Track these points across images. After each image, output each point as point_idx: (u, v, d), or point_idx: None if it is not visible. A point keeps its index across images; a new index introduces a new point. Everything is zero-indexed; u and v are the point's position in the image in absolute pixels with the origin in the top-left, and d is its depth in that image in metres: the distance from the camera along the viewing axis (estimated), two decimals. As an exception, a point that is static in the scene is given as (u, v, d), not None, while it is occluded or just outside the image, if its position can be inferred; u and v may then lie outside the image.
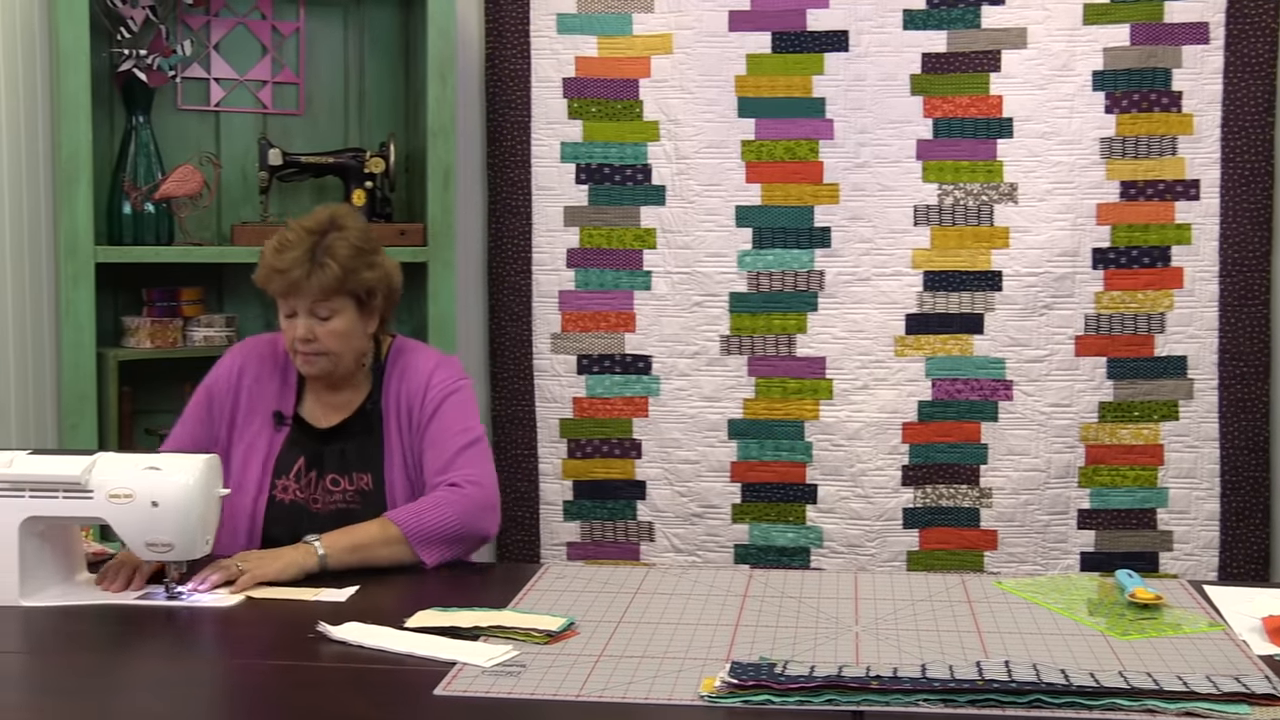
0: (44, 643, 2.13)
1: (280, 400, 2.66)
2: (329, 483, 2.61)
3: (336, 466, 2.61)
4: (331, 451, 2.62)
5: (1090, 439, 3.63)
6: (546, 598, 2.29)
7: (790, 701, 1.77)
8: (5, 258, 3.31)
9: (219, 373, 2.69)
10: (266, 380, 2.68)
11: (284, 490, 2.61)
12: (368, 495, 2.60)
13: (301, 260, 2.50)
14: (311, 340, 2.53)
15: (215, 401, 2.66)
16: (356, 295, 2.55)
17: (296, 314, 2.53)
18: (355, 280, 2.53)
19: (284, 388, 2.67)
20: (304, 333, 2.53)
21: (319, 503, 2.60)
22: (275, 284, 2.52)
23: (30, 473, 2.27)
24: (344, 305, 2.54)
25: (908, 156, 3.64)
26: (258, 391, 2.67)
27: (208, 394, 2.68)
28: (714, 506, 3.70)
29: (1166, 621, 2.12)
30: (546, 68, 3.68)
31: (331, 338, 2.54)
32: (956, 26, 3.61)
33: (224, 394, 2.66)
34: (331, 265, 2.50)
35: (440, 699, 1.81)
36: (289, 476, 2.61)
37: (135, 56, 3.35)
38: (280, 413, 2.64)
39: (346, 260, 2.51)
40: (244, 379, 2.67)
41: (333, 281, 2.50)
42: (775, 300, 3.67)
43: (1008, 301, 3.62)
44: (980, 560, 3.66)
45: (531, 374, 3.73)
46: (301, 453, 2.62)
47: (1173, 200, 3.59)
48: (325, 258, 2.50)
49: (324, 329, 2.53)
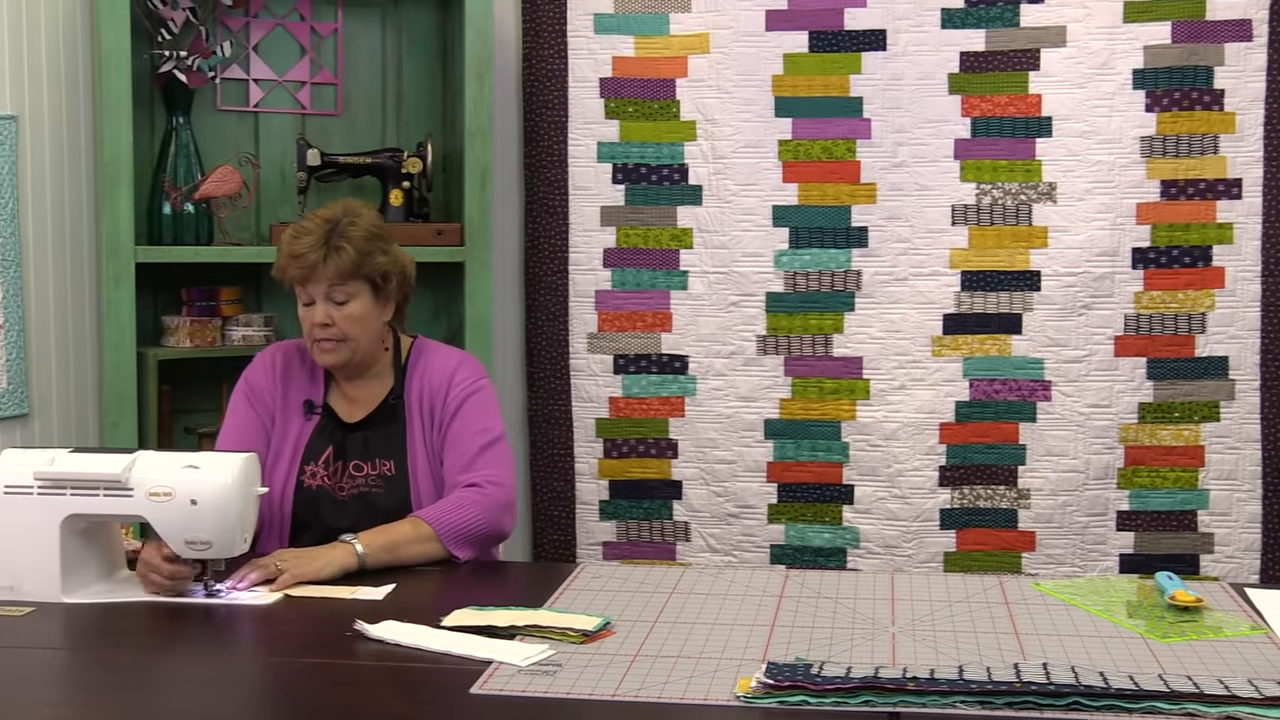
0: (85, 639, 2.15)
1: (310, 391, 2.72)
2: (352, 468, 2.65)
3: (360, 454, 2.66)
4: (355, 439, 2.68)
5: (1130, 440, 3.60)
6: (582, 597, 2.29)
7: (826, 702, 1.77)
8: (48, 258, 3.34)
9: (257, 370, 2.74)
10: (297, 374, 2.74)
11: (311, 476, 2.65)
12: (390, 480, 2.64)
13: (317, 245, 2.56)
14: (329, 325, 2.59)
15: (257, 396, 2.72)
16: (372, 280, 2.61)
17: (314, 302, 2.59)
18: (370, 264, 2.59)
19: (313, 382, 2.73)
20: (322, 318, 2.58)
21: (344, 489, 2.64)
22: (293, 270, 2.58)
23: (72, 471, 2.29)
24: (359, 290, 2.60)
25: (945, 156, 3.62)
26: (290, 385, 2.73)
27: (248, 391, 2.73)
28: (750, 507, 3.69)
29: (1207, 624, 2.11)
30: (583, 68, 3.68)
31: (348, 322, 2.59)
32: (995, 25, 3.59)
33: (266, 388, 2.72)
34: (347, 249, 2.56)
35: (476, 698, 1.82)
36: (317, 463, 2.65)
37: (175, 58, 3.38)
38: (311, 401, 2.70)
39: (361, 244, 2.58)
40: (278, 373, 2.73)
41: (349, 264, 2.56)
42: (812, 300, 3.66)
43: (1046, 301, 3.60)
44: (1018, 562, 3.64)
45: (568, 374, 3.74)
46: (330, 441, 2.67)
47: (1214, 199, 3.56)
48: (340, 241, 2.57)
49: (341, 314, 2.59)
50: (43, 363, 3.33)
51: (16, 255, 3.23)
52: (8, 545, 2.29)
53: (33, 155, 3.28)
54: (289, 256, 2.58)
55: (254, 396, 2.71)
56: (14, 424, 3.25)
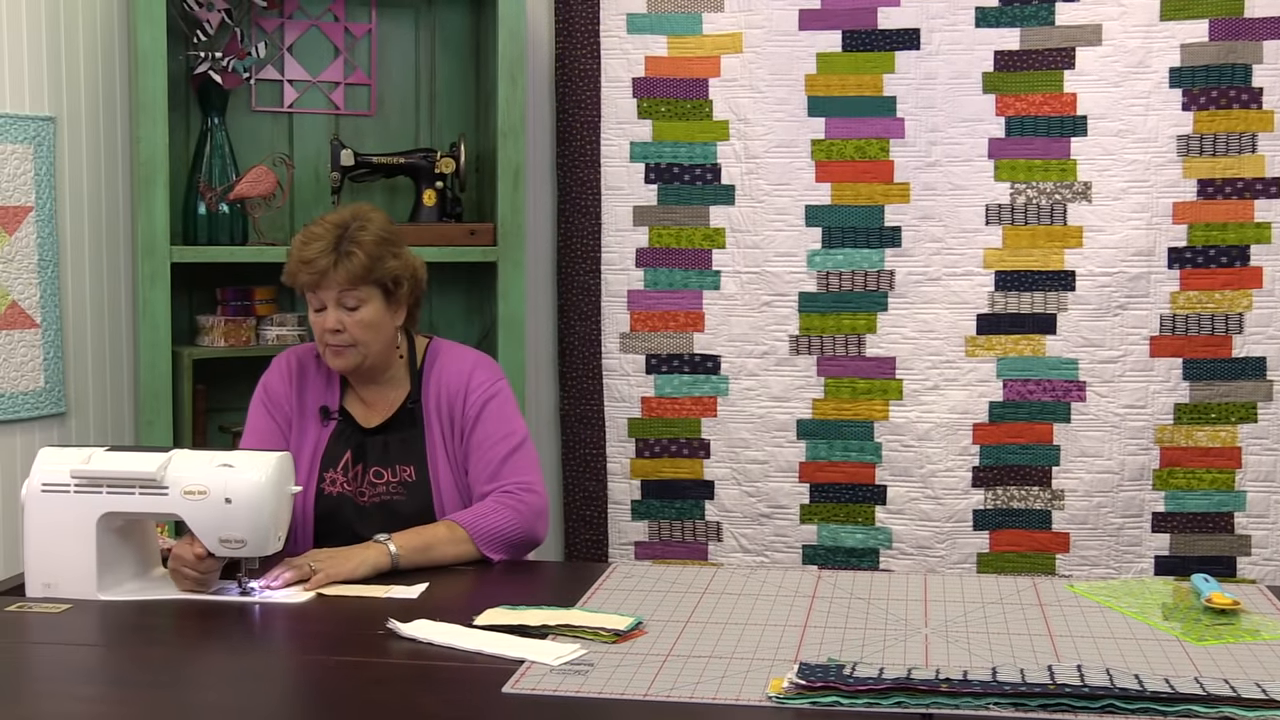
0: (120, 636, 2.16)
1: (326, 396, 2.71)
2: (373, 475, 2.64)
3: (379, 459, 2.65)
4: (375, 445, 2.66)
5: (1165, 441, 3.57)
6: (614, 597, 2.29)
7: (859, 703, 1.76)
8: (84, 258, 3.37)
9: (272, 376, 2.74)
10: (313, 380, 2.73)
11: (332, 483, 2.65)
12: (411, 486, 2.64)
13: (327, 250, 2.54)
14: (340, 331, 2.57)
15: (274, 403, 2.71)
16: (383, 284, 2.59)
17: (325, 307, 2.58)
18: (381, 268, 2.57)
19: (329, 387, 2.72)
20: (333, 323, 2.56)
21: (365, 496, 2.64)
22: (303, 276, 2.56)
23: (107, 469, 2.31)
24: (371, 294, 2.58)
25: (979, 155, 3.60)
26: (307, 390, 2.72)
27: (265, 398, 2.73)
28: (782, 507, 3.68)
29: (1244, 627, 2.09)
30: (616, 67, 3.69)
31: (359, 327, 2.57)
32: (1030, 24, 3.57)
33: (282, 394, 2.71)
34: (358, 253, 2.54)
35: (509, 697, 1.82)
36: (336, 469, 2.65)
37: (211, 59, 3.40)
38: (327, 407, 2.69)
39: (372, 248, 2.56)
40: (294, 378, 2.73)
41: (359, 269, 2.54)
42: (845, 300, 3.65)
43: (1081, 302, 3.58)
44: (1052, 563, 3.62)
45: (600, 373, 3.74)
46: (348, 446, 2.66)
47: (1252, 199, 3.53)
48: (350, 246, 2.55)
49: (352, 319, 2.57)
50: (79, 362, 3.36)
51: (54, 255, 3.26)
52: (45, 543, 2.31)
53: (70, 156, 3.31)
54: (299, 262, 2.56)
55: (271, 403, 2.71)
56: (51, 422, 3.28)
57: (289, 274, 2.61)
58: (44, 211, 3.23)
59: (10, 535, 3.15)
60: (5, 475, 3.18)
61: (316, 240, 2.56)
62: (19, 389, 3.20)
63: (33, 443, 3.16)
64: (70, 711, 1.82)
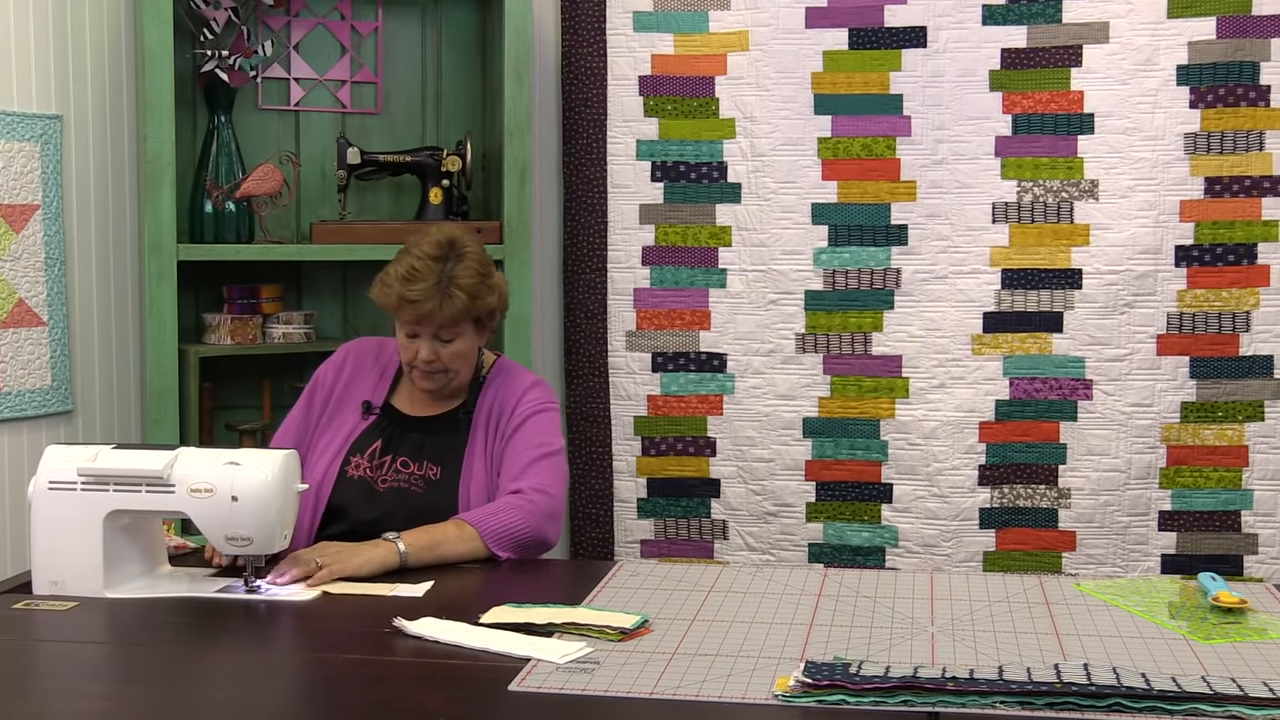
0: (127, 634, 2.16)
1: (373, 392, 2.74)
2: (399, 465, 2.66)
3: (410, 452, 2.67)
4: (411, 439, 2.69)
5: (1172, 439, 3.57)
6: (620, 595, 2.29)
7: (865, 702, 1.76)
8: (91, 256, 3.37)
9: (326, 366, 2.80)
10: (365, 374, 2.77)
11: (356, 467, 2.67)
12: (431, 484, 2.65)
13: (432, 292, 2.56)
14: (434, 361, 2.61)
15: (318, 393, 2.77)
16: (479, 319, 2.64)
17: (419, 336, 2.61)
18: (479, 306, 2.62)
19: (380, 382, 2.76)
20: (427, 355, 2.61)
21: (386, 481, 2.65)
22: (406, 313, 2.59)
23: (114, 467, 2.31)
24: (466, 329, 2.63)
25: (986, 153, 3.60)
26: (354, 383, 2.76)
27: (313, 386, 2.78)
28: (788, 505, 3.68)
29: (1251, 626, 2.09)
30: (622, 65, 3.68)
31: (454, 359, 2.64)
32: (1037, 21, 3.56)
33: (326, 386, 2.77)
34: (460, 295, 2.57)
35: (515, 695, 1.82)
36: (363, 455, 2.67)
37: (217, 57, 3.40)
38: (369, 403, 2.72)
39: (472, 289, 2.59)
40: (344, 372, 2.77)
41: (461, 311, 2.58)
42: (851, 298, 3.65)
43: (1088, 300, 3.57)
44: (1058, 561, 3.62)
45: (606, 371, 3.74)
46: (380, 436, 2.69)
47: (1259, 196, 3.52)
48: (453, 289, 2.57)
49: (447, 351, 2.62)
50: (86, 360, 3.36)
51: (61, 253, 3.26)
52: (52, 540, 2.32)
53: (77, 154, 3.31)
54: (402, 299, 2.56)
55: (314, 392, 2.77)
56: (58, 420, 3.29)
57: (390, 305, 2.59)
58: (51, 210, 3.23)
59: (17, 533, 3.15)
60: (12, 473, 3.19)
61: (420, 280, 2.56)
62: (26, 387, 3.20)
63: (39, 441, 3.16)
64: (77, 709, 1.83)
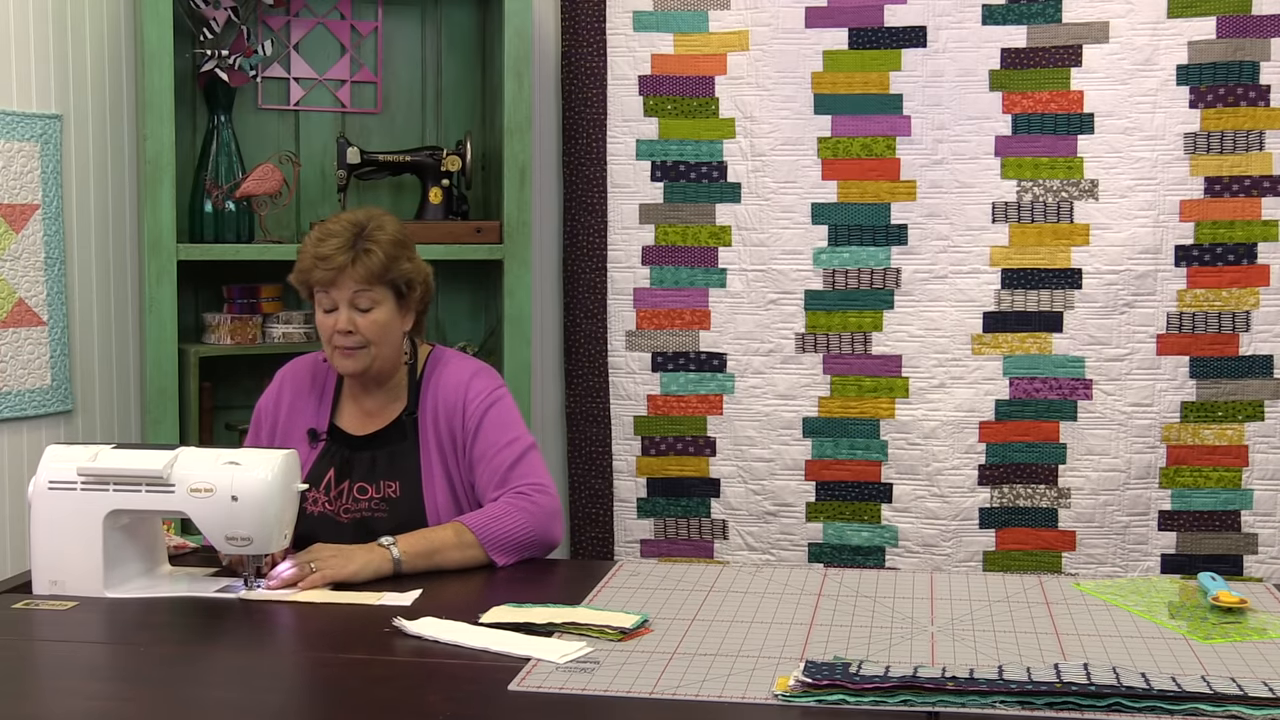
0: (127, 633, 2.17)
1: (316, 417, 2.68)
2: (356, 491, 2.61)
3: (365, 475, 2.61)
4: (361, 460, 2.63)
5: (1172, 439, 3.57)
6: (620, 595, 2.29)
7: (865, 701, 1.76)
8: (91, 256, 3.38)
9: (264, 398, 2.74)
10: (304, 399, 2.70)
11: (313, 503, 2.61)
12: (394, 504, 2.59)
13: (344, 247, 2.52)
14: (352, 332, 2.54)
15: (263, 429, 2.72)
16: (397, 286, 2.57)
17: (336, 307, 2.55)
18: (396, 269, 2.55)
19: (320, 404, 2.69)
20: (345, 324, 2.53)
21: (347, 513, 2.60)
22: (318, 273, 2.53)
23: (114, 467, 2.31)
24: (384, 296, 2.56)
25: (986, 153, 3.60)
26: (296, 411, 2.70)
27: (256, 422, 2.74)
28: (788, 505, 3.68)
29: (1251, 626, 2.09)
30: (622, 65, 3.68)
31: (372, 328, 2.54)
32: (1036, 21, 3.56)
33: (269, 419, 2.71)
34: (375, 252, 2.52)
35: (514, 695, 1.82)
36: (319, 489, 2.61)
37: (217, 57, 3.40)
38: (314, 430, 2.66)
39: (389, 248, 2.54)
40: (283, 399, 2.71)
41: (377, 267, 2.52)
42: (851, 298, 3.65)
43: (1088, 300, 3.57)
44: (1058, 561, 3.62)
45: (606, 371, 3.74)
46: (331, 464, 2.63)
47: (1259, 196, 3.52)
48: (368, 244, 2.53)
49: (364, 320, 2.54)
50: (86, 359, 3.36)
51: (61, 253, 3.26)
52: (52, 540, 2.32)
53: (77, 154, 3.32)
54: (314, 258, 2.53)
55: (259, 430, 2.72)
56: (58, 420, 3.29)
57: (301, 272, 2.57)
58: (51, 209, 3.23)
59: (17, 533, 3.15)
60: (12, 473, 3.19)
61: (333, 237, 2.53)
62: (26, 386, 3.20)
63: (39, 440, 3.16)
64: (76, 708, 1.83)
